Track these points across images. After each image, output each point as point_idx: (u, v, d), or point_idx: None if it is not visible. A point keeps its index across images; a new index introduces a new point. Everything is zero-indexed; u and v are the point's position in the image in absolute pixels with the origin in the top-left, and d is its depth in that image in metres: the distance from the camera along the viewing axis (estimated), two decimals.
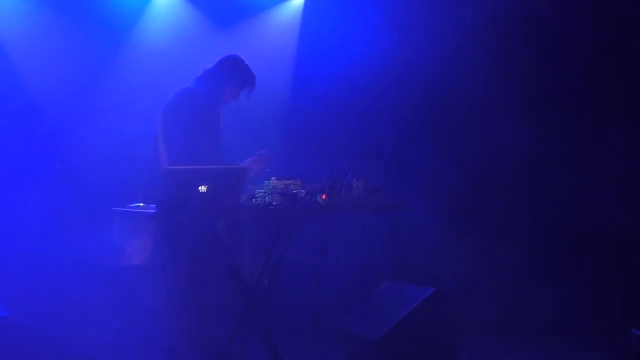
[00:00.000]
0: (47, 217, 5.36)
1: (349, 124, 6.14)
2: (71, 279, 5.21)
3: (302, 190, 4.57)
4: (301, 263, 5.02)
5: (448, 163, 5.84)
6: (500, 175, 5.82)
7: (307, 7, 6.44)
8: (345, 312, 5.13)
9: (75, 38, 5.81)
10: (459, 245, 5.72)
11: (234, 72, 4.87)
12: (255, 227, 4.77)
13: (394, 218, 5.01)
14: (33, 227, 5.35)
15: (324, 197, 4.50)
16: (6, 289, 5.08)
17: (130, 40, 6.09)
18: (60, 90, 5.73)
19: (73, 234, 5.33)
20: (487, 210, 5.79)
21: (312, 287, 4.81)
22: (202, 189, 4.22)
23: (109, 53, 5.97)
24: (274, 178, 4.66)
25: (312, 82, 6.32)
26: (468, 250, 5.68)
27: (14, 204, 5.38)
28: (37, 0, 5.79)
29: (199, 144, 4.67)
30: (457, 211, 5.73)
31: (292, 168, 5.18)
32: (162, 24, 6.19)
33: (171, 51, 6.09)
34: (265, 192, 4.57)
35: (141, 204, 4.53)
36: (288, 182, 4.61)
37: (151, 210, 4.37)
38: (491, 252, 5.66)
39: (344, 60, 6.12)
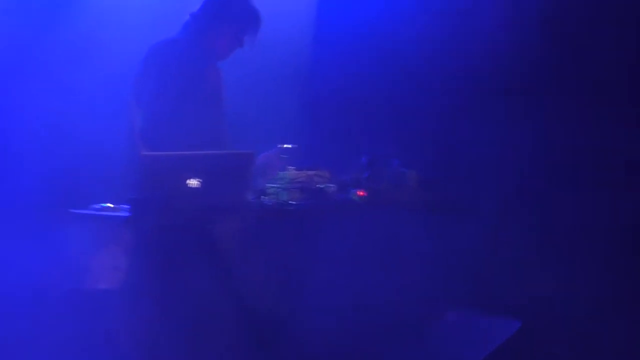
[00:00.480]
0: None
1: (392, 94, 5.61)
2: (14, 306, 4.73)
3: (331, 185, 4.30)
4: (330, 283, 4.53)
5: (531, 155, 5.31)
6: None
7: None
8: (392, 350, 4.71)
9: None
10: (544, 264, 5.21)
11: (227, 8, 4.45)
12: (268, 234, 4.35)
13: (457, 223, 4.56)
14: None
15: (360, 193, 4.25)
16: None
17: None
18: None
19: (14, 244, 4.91)
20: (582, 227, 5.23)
21: (345, 315, 4.46)
22: (193, 182, 3.93)
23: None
24: (292, 168, 4.35)
25: (340, 34, 5.79)
26: (559, 272, 5.14)
27: None
28: None
29: (189, 117, 4.28)
30: (543, 219, 5.21)
31: (316, 154, 4.85)
32: None
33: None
34: (280, 187, 4.25)
35: (110, 205, 4.33)
36: (311, 173, 4.33)
37: (123, 212, 4.19)
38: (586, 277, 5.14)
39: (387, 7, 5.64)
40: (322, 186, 4.25)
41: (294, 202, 4.20)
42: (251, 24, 4.46)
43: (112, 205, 4.33)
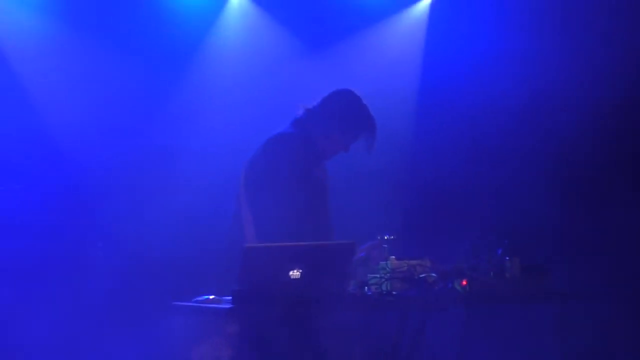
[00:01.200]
0: (89, 314, 5.12)
1: (499, 177, 5.58)
2: None
3: (433, 274, 4.15)
4: None
5: None
6: None
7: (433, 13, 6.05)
8: None
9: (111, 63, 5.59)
10: None
11: (345, 115, 4.40)
12: (368, 325, 4.30)
13: (567, 311, 4.42)
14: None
15: (464, 282, 4.09)
16: None
17: (193, 73, 5.73)
18: (96, 134, 5.53)
19: (123, 334, 4.99)
20: None
21: None
22: (294, 274, 3.86)
23: (164, 79, 5.68)
24: (393, 257, 4.25)
25: (440, 121, 5.87)
26: None
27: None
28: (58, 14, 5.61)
29: (297, 212, 4.26)
30: None
31: (417, 243, 4.79)
32: (233, 43, 5.83)
33: (247, 82, 5.70)
34: (381, 277, 4.14)
35: (212, 297, 4.14)
36: (413, 262, 4.22)
37: (225, 304, 4.01)
38: None
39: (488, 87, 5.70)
40: (424, 276, 4.10)
41: (396, 292, 4.06)
42: (366, 130, 4.40)
43: (214, 297, 4.14)
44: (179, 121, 5.62)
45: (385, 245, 4.35)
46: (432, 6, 6.08)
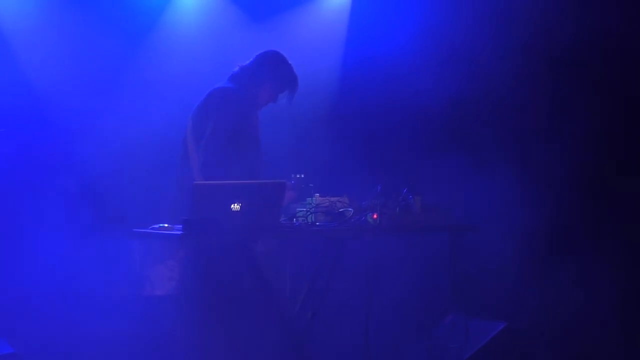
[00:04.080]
0: (57, 236, 5.44)
1: (402, 131, 6.18)
2: (85, 309, 5.25)
3: (350, 209, 4.58)
4: (349, 292, 5.04)
5: (524, 175, 5.77)
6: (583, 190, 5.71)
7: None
8: (400, 350, 5.13)
9: (90, 35, 5.93)
10: (534, 275, 5.65)
11: (272, 70, 4.90)
12: (297, 250, 4.81)
13: (457, 241, 4.85)
14: (40, 246, 5.44)
15: (375, 216, 4.50)
16: (9, 321, 5.17)
17: (153, 38, 6.19)
18: (74, 92, 5.85)
19: (87, 257, 5.40)
20: (569, 235, 5.69)
21: (362, 320, 4.81)
22: (235, 207, 4.23)
23: (129, 51, 6.06)
24: (317, 195, 4.68)
25: (360, 84, 6.39)
26: (546, 282, 5.60)
27: (18, 215, 5.52)
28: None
29: (234, 150, 4.68)
30: (533, 234, 5.64)
31: (338, 183, 5.19)
32: (190, 17, 6.31)
33: (202, 48, 6.19)
34: (307, 211, 4.57)
35: (166, 225, 4.50)
36: (334, 199, 4.63)
37: (177, 231, 4.34)
38: (571, 285, 5.55)
39: (396, 59, 6.17)
40: (343, 210, 4.54)
41: (319, 224, 4.52)
42: (289, 85, 4.90)
43: (167, 225, 4.46)
44: (141, 82, 6.02)
45: (311, 185, 4.74)
46: None
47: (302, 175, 4.78)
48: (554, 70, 5.79)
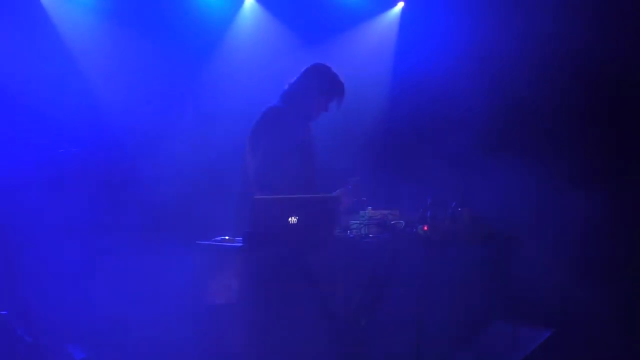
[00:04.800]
0: (123, 245, 5.64)
1: (451, 146, 6.21)
2: (147, 315, 5.43)
3: (402, 221, 4.66)
4: (400, 301, 5.08)
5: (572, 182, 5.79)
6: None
7: (403, 18, 6.82)
8: (449, 357, 5.18)
9: (151, 53, 6.15)
10: (581, 282, 5.67)
11: (319, 80, 5.03)
12: (350, 261, 4.79)
13: (504, 251, 4.95)
14: (115, 257, 5.62)
15: (425, 228, 4.57)
16: (82, 327, 5.34)
17: (212, 61, 6.44)
18: (138, 108, 6.07)
19: (153, 266, 5.58)
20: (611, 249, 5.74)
21: (413, 327, 4.82)
22: (292, 220, 4.35)
23: (189, 70, 6.29)
24: (370, 208, 4.77)
25: (409, 99, 6.51)
26: (593, 289, 5.62)
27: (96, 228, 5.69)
28: (111, 13, 6.16)
29: (290, 167, 4.80)
30: (580, 241, 5.69)
31: (389, 196, 5.34)
32: (246, 39, 6.56)
33: (256, 69, 6.39)
34: (361, 224, 4.66)
35: (227, 237, 4.68)
36: (386, 212, 4.72)
37: (238, 243, 4.50)
38: (619, 292, 5.61)
39: (446, 75, 6.28)
40: (394, 222, 4.64)
41: (372, 235, 4.62)
42: (336, 93, 5.00)
43: (228, 238, 4.68)
44: (203, 100, 6.30)
45: (364, 198, 4.79)
46: (403, 12, 6.85)
47: (359, 178, 4.85)
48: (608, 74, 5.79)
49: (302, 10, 6.63)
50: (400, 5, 6.86)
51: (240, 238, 4.44)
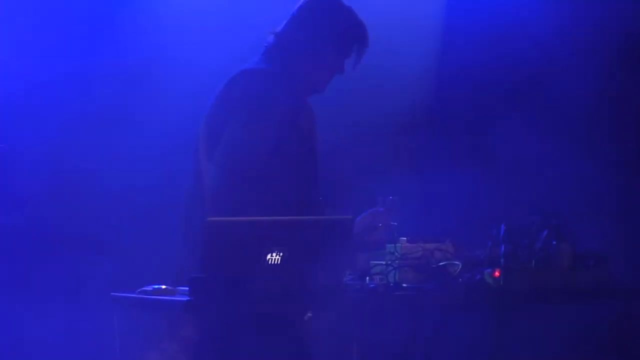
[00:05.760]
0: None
1: (538, 138, 5.17)
2: None
3: (457, 262, 3.70)
4: None
5: None
6: None
7: None
8: None
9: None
10: None
11: (326, 22, 3.85)
12: (372, 328, 3.94)
13: (627, 311, 4.17)
14: None
15: (497, 273, 3.60)
16: None
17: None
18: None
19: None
20: None
21: None
22: (274, 257, 3.35)
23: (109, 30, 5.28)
24: (404, 239, 3.81)
25: (465, 65, 5.42)
26: None
27: None
28: None
29: (274, 170, 3.74)
30: None
31: (435, 219, 4.63)
32: None
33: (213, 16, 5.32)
34: (388, 266, 3.69)
35: (164, 287, 3.63)
36: (430, 246, 3.79)
37: (181, 296, 3.53)
38: None
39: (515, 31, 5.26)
40: (445, 264, 3.68)
41: (407, 285, 3.64)
42: (357, 39, 3.86)
43: (166, 287, 3.66)
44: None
45: (395, 223, 3.80)
46: None
47: (396, 198, 3.93)
48: None
49: None
50: None
51: (186, 288, 3.44)
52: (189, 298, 3.39)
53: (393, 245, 3.80)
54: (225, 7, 5.29)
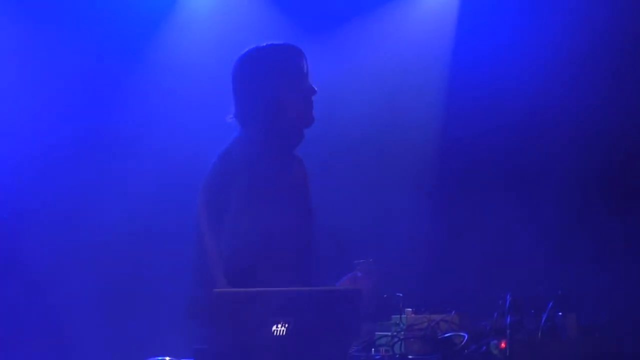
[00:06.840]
0: None
1: (544, 197, 5.10)
2: None
3: (463, 333, 3.73)
4: None
5: None
6: None
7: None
8: None
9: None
10: None
11: (262, 72, 3.65)
12: None
13: None
14: None
15: (503, 345, 3.64)
16: None
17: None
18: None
19: None
20: None
21: None
22: (279, 329, 3.28)
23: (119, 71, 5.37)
24: (409, 310, 3.93)
25: (471, 115, 5.38)
26: None
27: None
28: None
29: (269, 234, 3.62)
30: None
31: (440, 289, 4.55)
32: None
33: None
34: (394, 336, 3.78)
35: (167, 359, 3.69)
36: (436, 317, 3.87)
37: None
38: None
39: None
40: (450, 335, 3.70)
41: (413, 357, 3.69)
42: (295, 60, 3.66)
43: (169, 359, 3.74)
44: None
45: (400, 294, 3.79)
46: None
47: (371, 261, 3.74)
48: None
49: None
50: None
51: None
52: None
53: (399, 316, 3.76)
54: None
